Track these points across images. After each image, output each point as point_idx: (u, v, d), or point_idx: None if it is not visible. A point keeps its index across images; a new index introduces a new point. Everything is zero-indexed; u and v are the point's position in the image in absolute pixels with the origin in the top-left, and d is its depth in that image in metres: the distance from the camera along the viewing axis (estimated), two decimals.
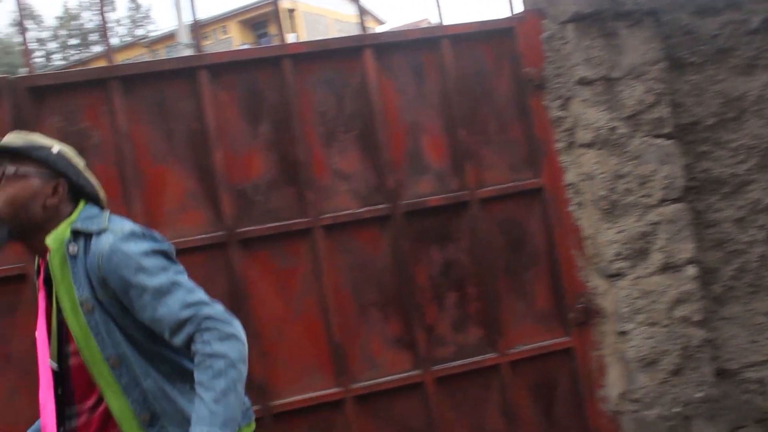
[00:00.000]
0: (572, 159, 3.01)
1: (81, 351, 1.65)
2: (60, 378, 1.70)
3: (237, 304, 2.76)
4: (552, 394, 3.03)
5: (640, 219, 2.95)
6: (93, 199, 1.81)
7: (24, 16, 2.73)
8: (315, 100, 2.88)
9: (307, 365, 2.85)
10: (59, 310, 1.69)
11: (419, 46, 2.97)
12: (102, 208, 1.81)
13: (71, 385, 1.71)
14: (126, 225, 1.71)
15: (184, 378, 1.69)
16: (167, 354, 1.71)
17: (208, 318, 1.59)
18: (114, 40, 33.25)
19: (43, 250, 1.71)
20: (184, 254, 2.71)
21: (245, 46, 24.64)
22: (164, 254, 1.70)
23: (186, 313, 1.59)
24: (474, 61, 3.01)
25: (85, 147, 2.70)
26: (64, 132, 2.69)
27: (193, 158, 2.79)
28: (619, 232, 2.94)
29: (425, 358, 2.91)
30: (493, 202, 2.99)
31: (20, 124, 2.62)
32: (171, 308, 1.59)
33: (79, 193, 1.78)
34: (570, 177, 3.02)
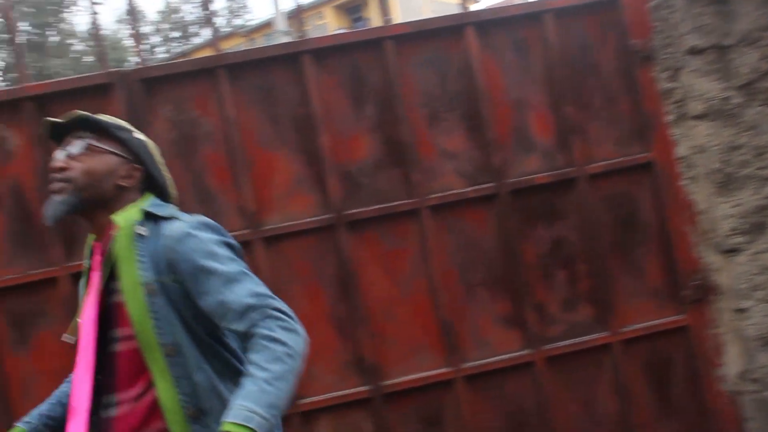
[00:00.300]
0: (683, 131, 2.91)
1: (137, 335, 1.61)
2: (99, 365, 1.64)
3: (346, 286, 2.80)
4: (666, 374, 2.96)
5: (757, 192, 2.84)
6: (162, 195, 1.81)
7: (134, 11, 2.80)
8: (418, 80, 2.87)
9: (416, 345, 2.86)
10: (110, 293, 1.66)
11: (521, 21, 2.92)
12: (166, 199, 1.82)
13: (114, 372, 1.65)
14: (198, 216, 1.71)
15: (235, 378, 1.62)
16: (221, 351, 1.69)
17: (275, 309, 1.54)
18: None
19: (103, 229, 1.70)
20: (294, 238, 2.78)
21: (341, 31, 24.88)
22: (233, 248, 1.69)
23: (253, 300, 1.55)
24: (578, 34, 2.95)
25: (196, 135, 2.77)
26: (175, 121, 2.76)
27: (300, 142, 2.82)
28: (734, 206, 2.83)
29: (535, 337, 2.89)
30: (601, 178, 2.93)
31: (133, 115, 2.70)
32: (238, 294, 1.56)
33: (151, 185, 1.79)
34: (681, 150, 2.93)
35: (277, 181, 2.80)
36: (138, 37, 2.79)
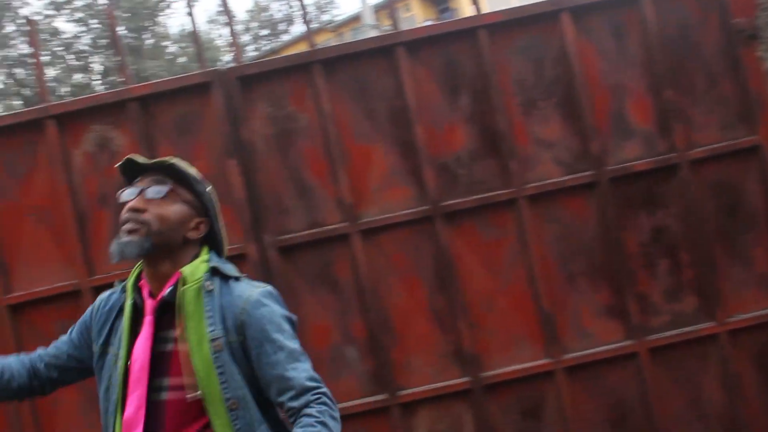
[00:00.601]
0: None
1: (201, 388, 1.65)
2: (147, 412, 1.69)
3: (444, 278, 2.80)
4: None
5: None
6: (218, 250, 1.84)
7: (228, 12, 2.85)
8: (513, 69, 2.85)
9: (516, 336, 2.85)
10: (160, 341, 1.70)
11: (618, 4, 2.86)
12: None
13: (161, 419, 1.68)
14: (263, 284, 1.78)
15: None
16: (271, 410, 1.74)
17: (327, 396, 1.67)
18: (302, 27, 34.85)
19: (162, 277, 1.73)
20: (391, 230, 2.79)
21: (428, 23, 24.93)
22: (294, 325, 1.77)
23: (312, 384, 1.66)
24: (678, 15, 2.87)
25: (293, 129, 2.81)
26: (273, 117, 2.80)
27: (395, 135, 2.83)
28: None
29: (638, 327, 2.83)
30: (704, 164, 2.85)
31: (232, 113, 2.76)
32: (300, 373, 1.66)
33: (208, 238, 1.82)
34: None
35: (373, 173, 2.82)
36: (234, 36, 2.84)
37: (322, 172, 2.80)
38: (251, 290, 1.73)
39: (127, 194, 1.73)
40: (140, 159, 1.75)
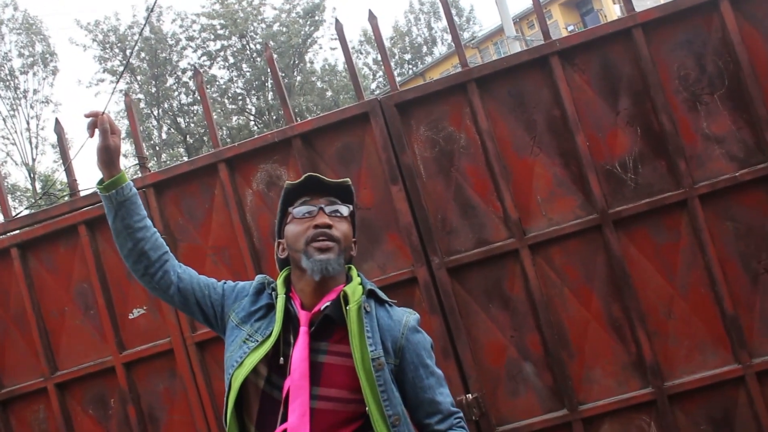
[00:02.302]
0: None
1: (367, 404, 1.76)
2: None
3: (619, 286, 2.78)
4: None
5: None
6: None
7: (381, 43, 2.95)
8: (673, 65, 2.82)
9: (699, 342, 2.79)
10: (312, 351, 1.80)
11: None
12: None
13: (308, 428, 1.77)
14: (410, 309, 1.99)
15: None
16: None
17: (464, 420, 1.93)
18: (442, 48, 36.14)
19: (321, 293, 1.87)
20: (560, 242, 2.80)
21: (570, 28, 24.97)
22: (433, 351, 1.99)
23: (455, 409, 1.90)
24: None
25: (454, 150, 2.88)
26: (432, 140, 2.89)
27: (557, 145, 2.85)
28: None
29: None
30: None
31: (392, 139, 2.85)
32: (446, 398, 1.90)
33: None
34: None
35: (537, 186, 2.85)
36: (388, 65, 2.94)
37: (485, 190, 2.86)
38: (408, 316, 1.92)
39: (308, 211, 1.89)
40: (323, 178, 1.93)
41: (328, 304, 1.83)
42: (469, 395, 2.77)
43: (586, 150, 2.81)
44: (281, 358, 1.80)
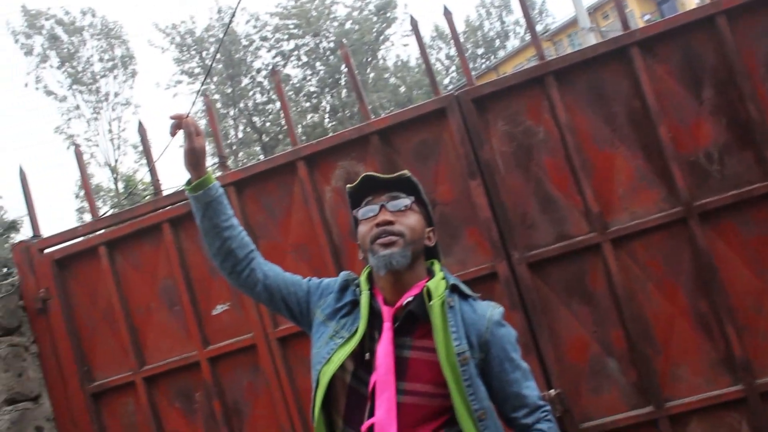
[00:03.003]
0: None
1: (452, 398, 1.78)
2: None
3: (705, 281, 2.74)
4: None
5: None
6: (435, 256, 2.05)
7: (457, 37, 2.98)
8: (760, 52, 2.76)
9: None
10: (399, 347, 1.84)
11: None
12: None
13: (395, 422, 1.81)
14: (495, 303, 1.99)
15: None
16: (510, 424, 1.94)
17: (551, 413, 1.93)
18: (515, 42, 36.52)
19: (401, 288, 1.89)
20: (643, 236, 2.78)
21: (647, 17, 24.80)
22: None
23: (542, 403, 1.91)
24: None
25: (532, 144, 2.88)
26: (510, 134, 2.90)
27: (638, 137, 2.83)
28: None
29: None
30: None
31: (470, 134, 2.87)
32: (533, 392, 1.91)
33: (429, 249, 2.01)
34: None
35: (618, 179, 2.83)
36: (464, 59, 2.97)
37: (565, 184, 2.85)
38: (492, 310, 1.93)
39: (370, 210, 1.94)
40: (379, 175, 1.97)
41: (410, 299, 1.87)
42: (552, 391, 2.76)
43: (668, 141, 2.78)
44: (367, 354, 1.85)
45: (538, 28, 32.44)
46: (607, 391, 2.82)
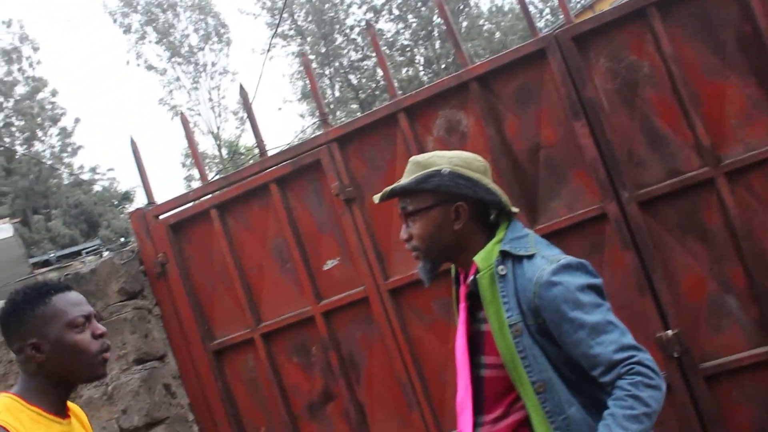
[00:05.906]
0: None
1: (509, 371, 1.82)
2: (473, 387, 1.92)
3: None
4: None
5: None
6: (497, 207, 1.95)
7: None
8: None
9: None
10: (475, 321, 1.92)
11: None
12: (508, 213, 1.95)
13: (481, 394, 1.90)
14: (558, 254, 1.88)
15: (600, 411, 1.76)
16: (586, 386, 1.83)
17: (641, 364, 1.71)
18: None
19: (468, 266, 1.95)
20: (759, 167, 2.82)
21: None
22: (597, 290, 1.83)
23: (621, 356, 1.72)
24: None
25: (637, 79, 2.92)
26: (614, 71, 2.94)
27: (750, 64, 2.82)
28: None
29: None
30: None
31: (572, 74, 2.94)
32: (606, 348, 1.73)
33: (483, 205, 1.94)
34: None
35: (730, 110, 2.84)
36: None
37: (674, 118, 2.88)
38: (542, 270, 1.83)
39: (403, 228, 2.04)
40: (377, 196, 2.06)
41: (471, 277, 1.94)
42: (669, 332, 2.82)
43: None
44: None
45: None
46: (727, 329, 2.86)
